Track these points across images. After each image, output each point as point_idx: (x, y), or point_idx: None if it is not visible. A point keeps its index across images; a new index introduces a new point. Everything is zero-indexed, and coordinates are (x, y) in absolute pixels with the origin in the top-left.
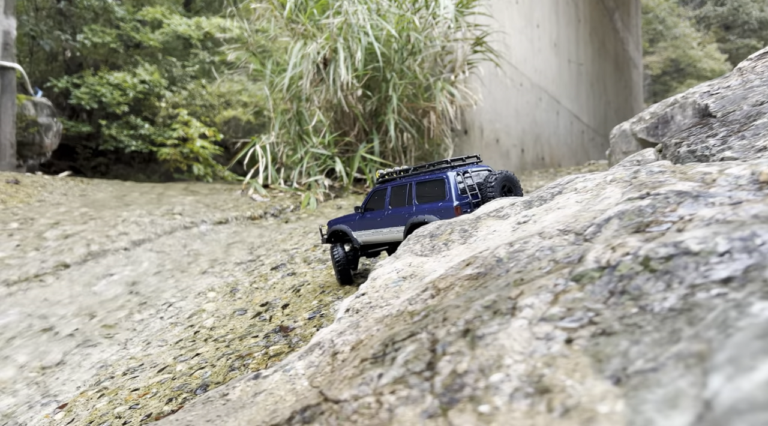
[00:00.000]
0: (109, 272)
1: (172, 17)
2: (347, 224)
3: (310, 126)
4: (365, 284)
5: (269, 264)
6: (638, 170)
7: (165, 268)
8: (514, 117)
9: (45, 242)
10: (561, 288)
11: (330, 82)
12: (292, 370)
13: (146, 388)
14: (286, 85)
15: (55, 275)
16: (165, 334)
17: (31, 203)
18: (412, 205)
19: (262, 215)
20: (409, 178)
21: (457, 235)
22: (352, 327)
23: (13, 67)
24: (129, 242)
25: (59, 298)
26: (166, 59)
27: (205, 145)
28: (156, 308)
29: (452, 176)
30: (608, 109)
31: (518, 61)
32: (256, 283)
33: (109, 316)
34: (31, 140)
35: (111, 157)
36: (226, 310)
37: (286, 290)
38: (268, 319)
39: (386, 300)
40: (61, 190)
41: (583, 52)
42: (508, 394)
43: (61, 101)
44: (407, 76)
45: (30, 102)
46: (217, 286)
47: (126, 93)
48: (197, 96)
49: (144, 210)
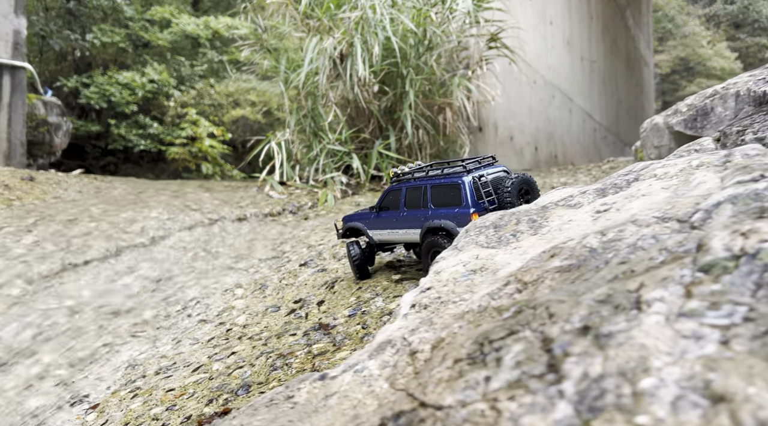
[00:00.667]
0: (131, 268)
1: (180, 17)
2: (363, 222)
3: (326, 122)
4: (428, 278)
5: (297, 260)
6: (729, 154)
7: (187, 264)
8: (528, 114)
9: (64, 238)
10: (689, 279)
11: (347, 77)
12: (365, 371)
13: (182, 388)
14: (302, 80)
15: (76, 272)
16: (195, 332)
17: (47, 200)
18: (428, 209)
19: (281, 212)
20: (424, 181)
21: (525, 226)
22: (425, 324)
23: (23, 67)
24: (149, 238)
25: (81, 294)
26: (174, 58)
27: (213, 144)
28: (182, 305)
29: (468, 181)
30: (620, 108)
31: (532, 58)
32: (285, 280)
33: (134, 313)
34: (41, 139)
35: (120, 157)
36: (257, 307)
37: (319, 287)
38: (304, 316)
39: (459, 295)
40: (75, 187)
41: (595, 49)
42: (669, 402)
43: (70, 101)
44: (424, 71)
45: (40, 101)
46: (244, 282)
47: (135, 92)
48: (206, 95)
49: (162, 206)
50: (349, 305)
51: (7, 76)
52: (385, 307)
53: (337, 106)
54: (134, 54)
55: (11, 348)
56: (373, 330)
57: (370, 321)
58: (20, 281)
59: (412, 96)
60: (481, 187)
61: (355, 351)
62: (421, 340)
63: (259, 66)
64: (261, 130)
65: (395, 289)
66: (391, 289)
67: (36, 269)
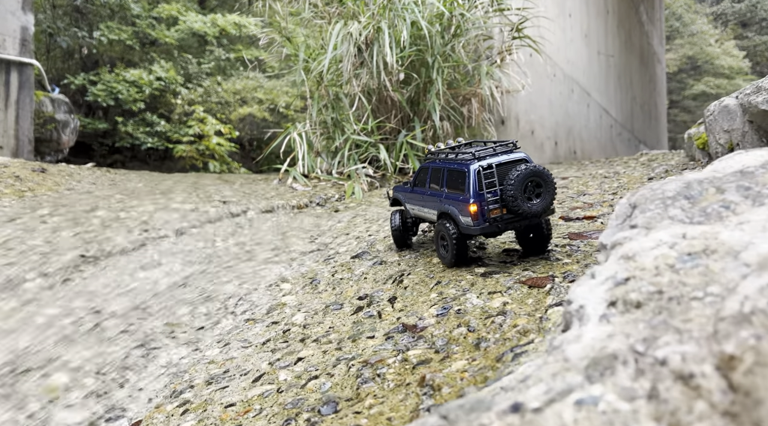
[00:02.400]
0: (157, 261)
1: (187, 14)
2: (403, 194)
3: (350, 112)
4: (614, 265)
5: (346, 252)
6: None
7: (218, 257)
8: (548, 108)
9: (81, 230)
10: None
11: (374, 64)
12: (602, 404)
13: (245, 403)
14: (326, 67)
15: (96, 265)
16: (245, 333)
17: (60, 191)
18: (443, 192)
19: (308, 204)
20: (445, 163)
21: (736, 195)
22: (664, 331)
23: (30, 63)
24: (173, 230)
25: (105, 290)
26: (181, 56)
27: (221, 142)
28: (222, 302)
29: (473, 169)
30: (634, 105)
31: (551, 50)
32: (339, 273)
33: (167, 310)
34: (49, 137)
35: (127, 155)
36: (313, 304)
37: (384, 281)
38: (376, 315)
39: (696, 287)
40: (89, 179)
41: (611, 44)
42: None
43: (77, 98)
44: (451, 59)
45: (47, 98)
46: (290, 276)
47: (142, 90)
48: (213, 93)
49: (182, 198)
50: (431, 303)
51: (15, 72)
52: (488, 306)
53: (363, 95)
54: (141, 51)
55: (29, 352)
56: (488, 333)
57: (475, 322)
58: (35, 275)
59: (440, 84)
60: (484, 177)
61: (501, 363)
62: (684, 356)
63: (277, 55)
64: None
65: (486, 284)
66: (480, 284)
67: (54, 262)
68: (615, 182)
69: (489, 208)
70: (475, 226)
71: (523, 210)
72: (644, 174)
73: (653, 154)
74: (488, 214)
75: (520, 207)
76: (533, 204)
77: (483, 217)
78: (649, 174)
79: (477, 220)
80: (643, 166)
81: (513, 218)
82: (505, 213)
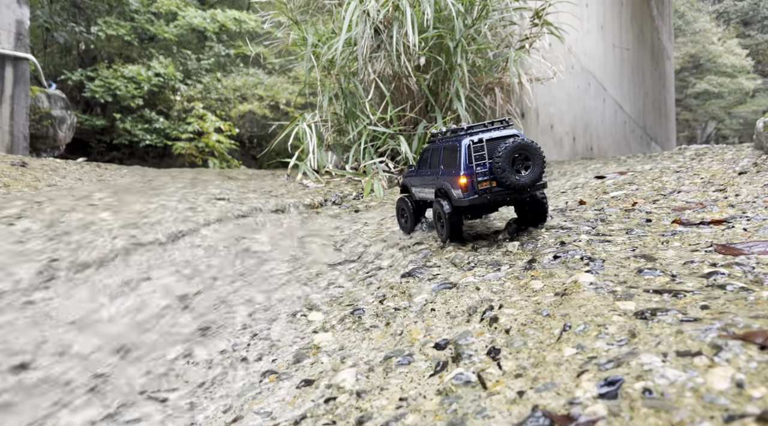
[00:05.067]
0: (144, 276)
1: (186, 9)
2: (409, 179)
3: (366, 100)
4: None
5: (391, 267)
6: None
7: (221, 270)
8: (566, 102)
9: (52, 235)
10: None
11: (393, 46)
12: None
13: None
14: (339, 50)
15: (68, 281)
16: (265, 399)
17: (39, 188)
18: (439, 170)
19: (323, 203)
20: (442, 142)
21: None
22: None
23: (26, 58)
24: (166, 234)
25: (69, 318)
26: (180, 52)
27: (220, 139)
28: (228, 340)
29: (465, 144)
30: (646, 101)
31: (569, 41)
32: (389, 300)
33: (151, 352)
34: (45, 133)
35: (125, 152)
36: (363, 351)
37: (466, 317)
38: (476, 382)
39: None
40: (75, 174)
41: (625, 37)
42: None
43: (75, 95)
44: (477, 42)
45: (44, 94)
46: (319, 301)
47: (140, 86)
48: (212, 89)
49: (179, 195)
50: (575, 366)
51: (10, 67)
52: (709, 386)
53: (377, 81)
54: (140, 47)
55: None
56: None
57: (688, 414)
58: None
59: (466, 69)
60: (473, 150)
61: None
62: None
63: (283, 40)
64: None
65: (642, 328)
66: (628, 325)
67: (10, 280)
68: (696, 177)
69: (478, 180)
70: (465, 198)
71: (511, 182)
72: (724, 168)
73: (697, 148)
74: (478, 186)
75: (508, 179)
76: (521, 177)
77: (473, 188)
78: (733, 167)
79: (467, 192)
80: (693, 159)
81: (502, 191)
82: (494, 185)
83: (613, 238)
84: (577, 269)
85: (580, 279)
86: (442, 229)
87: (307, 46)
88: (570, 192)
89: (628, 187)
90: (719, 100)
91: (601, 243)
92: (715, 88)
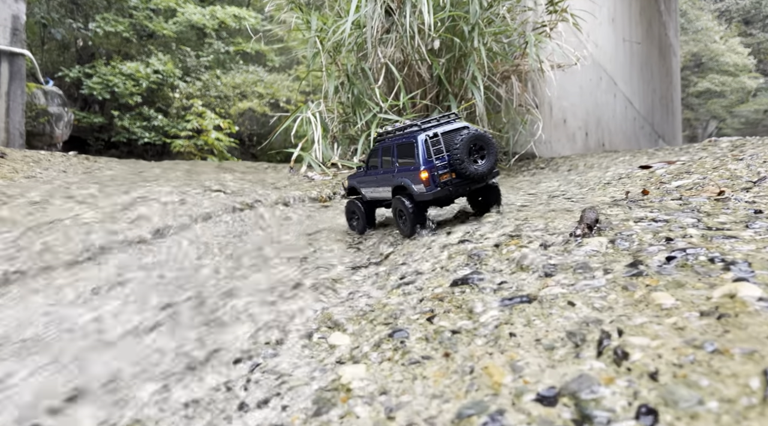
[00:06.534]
0: (120, 279)
1: (186, 6)
2: (357, 180)
3: (376, 85)
4: None
5: (433, 273)
6: None
7: (216, 273)
8: (579, 95)
9: (19, 230)
10: None
11: (407, 27)
12: None
13: None
14: (347, 32)
15: (27, 283)
16: None
17: (16, 179)
18: (395, 168)
19: (330, 197)
20: (394, 140)
21: None
22: None
23: (22, 54)
24: (151, 230)
25: (13, 336)
26: (180, 49)
27: (220, 136)
28: (223, 374)
29: (421, 139)
30: (654, 97)
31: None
32: (440, 319)
33: (114, 395)
34: (42, 130)
35: (123, 150)
36: (417, 397)
37: (571, 348)
38: None
39: None
40: (59, 166)
41: (634, 31)
42: None
43: (72, 92)
44: (495, 24)
45: (40, 91)
46: (342, 317)
47: (139, 83)
48: (212, 87)
49: (171, 187)
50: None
51: (6, 63)
52: None
53: (389, 64)
54: (138, 44)
55: None
56: None
57: None
58: None
59: (484, 54)
60: (431, 145)
61: None
62: None
63: (284, 27)
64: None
65: None
66: None
67: None
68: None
69: (439, 173)
70: (428, 192)
71: (470, 172)
72: None
73: (732, 140)
74: (439, 179)
75: (467, 169)
76: (479, 166)
77: (434, 182)
78: None
79: (429, 186)
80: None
81: (462, 182)
82: (454, 177)
83: (736, 232)
84: (716, 276)
85: (738, 291)
86: (404, 225)
87: (310, 30)
88: (616, 183)
89: (687, 176)
90: (721, 99)
91: (725, 239)
92: (717, 86)
